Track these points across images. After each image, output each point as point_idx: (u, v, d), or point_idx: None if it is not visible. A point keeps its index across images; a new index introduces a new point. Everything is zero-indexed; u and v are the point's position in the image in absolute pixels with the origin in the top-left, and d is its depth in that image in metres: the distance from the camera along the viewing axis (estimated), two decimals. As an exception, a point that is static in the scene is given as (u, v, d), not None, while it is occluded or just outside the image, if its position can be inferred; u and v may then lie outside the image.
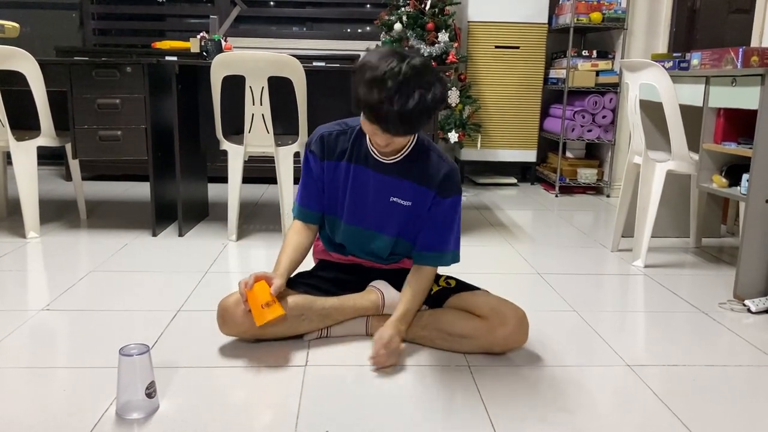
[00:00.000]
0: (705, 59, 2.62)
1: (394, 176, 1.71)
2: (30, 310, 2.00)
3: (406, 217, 1.74)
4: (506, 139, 4.52)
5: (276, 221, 3.30)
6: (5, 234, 2.93)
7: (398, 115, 1.45)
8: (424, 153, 1.71)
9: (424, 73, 1.47)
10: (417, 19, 4.08)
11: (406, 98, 1.44)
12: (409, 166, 1.70)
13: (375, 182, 1.72)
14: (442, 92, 1.51)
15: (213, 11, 4.77)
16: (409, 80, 1.44)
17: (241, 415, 1.41)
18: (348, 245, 1.85)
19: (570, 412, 1.46)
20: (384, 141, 1.57)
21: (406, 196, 1.72)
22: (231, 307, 1.71)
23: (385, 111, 1.45)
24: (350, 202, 1.75)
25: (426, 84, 1.47)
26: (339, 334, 1.83)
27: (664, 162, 2.60)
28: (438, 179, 1.69)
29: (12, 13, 4.77)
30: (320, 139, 1.75)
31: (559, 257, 2.77)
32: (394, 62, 1.46)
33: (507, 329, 1.68)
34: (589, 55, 4.29)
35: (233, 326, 1.72)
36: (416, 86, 1.45)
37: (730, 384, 1.62)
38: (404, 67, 1.45)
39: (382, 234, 1.77)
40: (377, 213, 1.75)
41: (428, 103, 1.47)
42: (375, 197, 1.73)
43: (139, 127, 2.83)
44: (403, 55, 1.48)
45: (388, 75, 1.44)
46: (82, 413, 1.40)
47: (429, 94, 1.47)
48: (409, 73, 1.45)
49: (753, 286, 2.22)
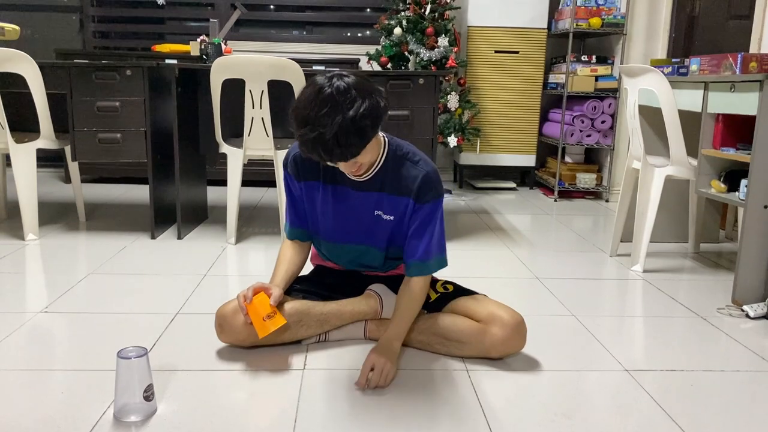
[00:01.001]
0: (704, 65, 2.62)
1: (371, 191, 1.68)
2: (28, 313, 2.00)
3: (392, 230, 1.72)
4: (505, 144, 4.53)
5: (275, 224, 3.30)
6: (4, 236, 2.93)
7: (329, 144, 1.42)
8: (398, 162, 1.66)
9: (346, 93, 1.42)
10: (417, 23, 4.09)
11: (330, 126, 1.40)
12: (383, 179, 1.66)
13: (355, 198, 1.70)
14: (369, 108, 1.43)
15: (213, 15, 4.78)
16: (330, 106, 1.41)
17: (239, 419, 1.41)
18: (341, 262, 1.85)
19: (568, 416, 1.45)
20: (349, 167, 1.55)
21: (386, 210, 1.69)
22: (229, 315, 1.71)
23: (317, 144, 1.43)
24: (336, 220, 1.73)
25: (350, 104, 1.42)
26: (337, 338, 1.83)
27: (663, 167, 2.60)
28: (413, 186, 1.64)
29: (12, 16, 4.78)
30: (293, 160, 1.72)
31: (558, 262, 2.77)
32: (312, 94, 1.44)
33: (504, 335, 1.67)
34: (589, 60, 4.30)
35: (232, 335, 1.72)
36: (338, 109, 1.41)
37: (728, 389, 1.62)
38: (324, 94, 1.42)
39: (373, 247, 1.76)
40: (365, 227, 1.73)
41: (357, 122, 1.41)
42: (359, 212, 1.71)
43: (139, 129, 2.83)
44: (324, 83, 1.44)
45: (309, 108, 1.42)
46: (79, 416, 1.39)
47: (354, 115, 1.41)
48: (328, 99, 1.41)
49: (751, 291, 2.22)
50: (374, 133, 1.49)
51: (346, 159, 1.48)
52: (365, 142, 1.47)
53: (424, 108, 2.91)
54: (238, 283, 2.36)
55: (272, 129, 2.80)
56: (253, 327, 1.66)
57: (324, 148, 1.43)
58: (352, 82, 1.45)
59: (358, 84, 1.45)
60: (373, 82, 1.51)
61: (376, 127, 1.48)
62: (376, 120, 1.47)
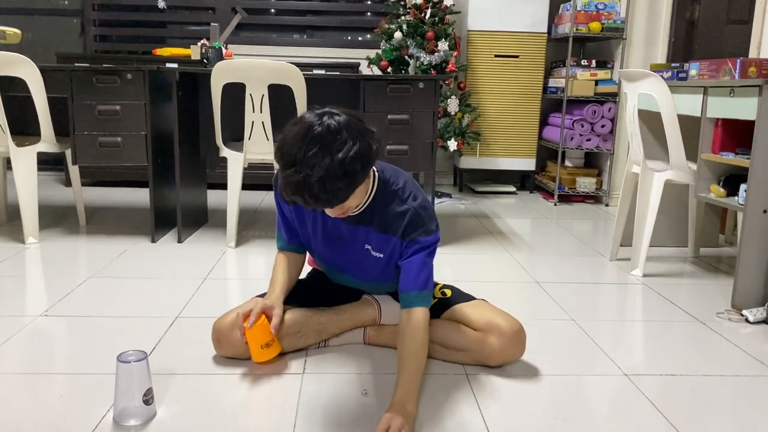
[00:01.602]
0: (703, 70, 2.63)
1: (360, 226, 1.61)
2: (28, 316, 2.00)
3: (382, 267, 1.66)
4: (505, 148, 4.54)
5: (275, 228, 3.30)
6: (4, 239, 2.93)
7: (314, 188, 1.32)
8: (387, 198, 1.58)
9: (336, 135, 1.33)
10: (417, 27, 4.10)
11: (315, 169, 1.31)
12: (370, 215, 1.59)
13: (344, 232, 1.64)
14: (359, 151, 1.34)
15: (214, 19, 4.79)
16: (318, 148, 1.32)
17: (238, 423, 1.41)
18: (336, 281, 1.84)
19: (568, 421, 1.46)
20: (336, 212, 1.47)
21: (375, 246, 1.63)
22: (226, 330, 1.69)
23: (300, 188, 1.33)
24: (327, 248, 1.70)
25: (340, 146, 1.33)
26: (337, 344, 1.83)
27: (663, 172, 2.61)
28: (400, 224, 1.56)
29: (13, 20, 4.79)
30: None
31: (558, 266, 2.77)
32: (300, 133, 1.34)
33: (503, 344, 1.66)
34: (589, 65, 4.30)
35: (229, 349, 1.71)
36: (326, 152, 1.32)
37: (727, 394, 1.62)
38: (313, 133, 1.33)
39: (360, 279, 1.75)
40: (355, 259, 1.68)
41: (345, 167, 1.32)
42: (350, 243, 1.66)
43: (139, 133, 2.84)
44: (314, 122, 1.35)
45: (297, 149, 1.33)
46: (79, 420, 1.40)
47: (344, 158, 1.32)
48: (316, 140, 1.33)
49: (751, 296, 2.22)
50: (363, 177, 1.38)
51: (332, 205, 1.38)
52: (353, 187, 1.37)
53: (424, 112, 2.91)
54: (239, 287, 2.36)
55: (273, 133, 2.81)
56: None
57: (309, 192, 1.32)
58: (343, 122, 1.36)
59: (350, 123, 1.37)
60: (366, 122, 1.42)
61: (365, 170, 1.38)
62: (366, 163, 1.37)
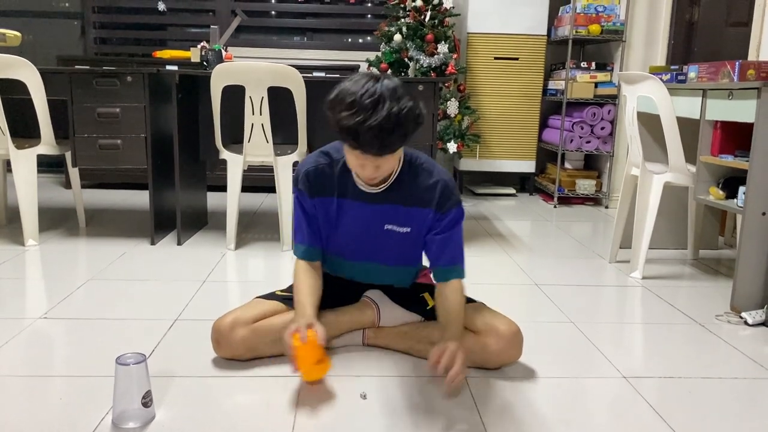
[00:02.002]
0: (702, 72, 2.63)
1: (385, 204, 1.67)
2: (27, 319, 2.00)
3: (406, 243, 1.72)
4: (505, 150, 4.54)
5: (275, 230, 3.30)
6: (4, 241, 2.93)
7: (373, 131, 1.42)
8: (413, 173, 1.66)
9: (395, 91, 1.46)
10: (417, 30, 4.10)
11: (377, 114, 1.42)
12: (398, 191, 1.66)
13: (366, 213, 1.68)
14: (413, 109, 1.48)
15: (214, 21, 4.80)
16: (380, 98, 1.44)
17: (237, 426, 1.41)
18: (346, 276, 1.84)
19: (567, 423, 1.46)
20: (370, 170, 1.54)
21: (401, 222, 1.68)
22: (226, 330, 1.68)
23: (360, 129, 1.43)
24: (344, 237, 1.73)
25: (397, 100, 1.45)
26: (336, 346, 1.83)
27: (662, 174, 2.61)
28: (433, 196, 1.65)
29: (14, 22, 4.80)
30: (306, 177, 1.69)
31: (557, 268, 2.77)
32: (364, 83, 1.46)
33: (500, 346, 1.67)
34: (588, 67, 4.31)
35: (228, 349, 1.70)
36: (387, 102, 1.44)
37: (726, 396, 1.62)
38: (376, 86, 1.45)
39: (381, 264, 1.77)
40: (372, 244, 1.73)
41: (401, 117, 1.45)
42: (369, 228, 1.70)
43: (139, 136, 2.84)
44: (375, 76, 1.49)
45: (360, 95, 1.44)
46: (78, 422, 1.40)
47: (401, 110, 1.45)
48: (379, 91, 1.45)
49: (750, 298, 2.22)
50: (410, 136, 1.51)
51: (382, 152, 1.48)
52: (403, 140, 1.50)
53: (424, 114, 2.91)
54: (238, 290, 2.36)
55: (272, 135, 2.81)
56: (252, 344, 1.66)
57: (367, 134, 1.43)
58: (399, 83, 1.49)
59: (404, 87, 1.50)
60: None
61: (414, 130, 1.51)
62: (416, 124, 1.51)
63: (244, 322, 1.69)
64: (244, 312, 1.71)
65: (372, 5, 4.94)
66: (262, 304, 1.76)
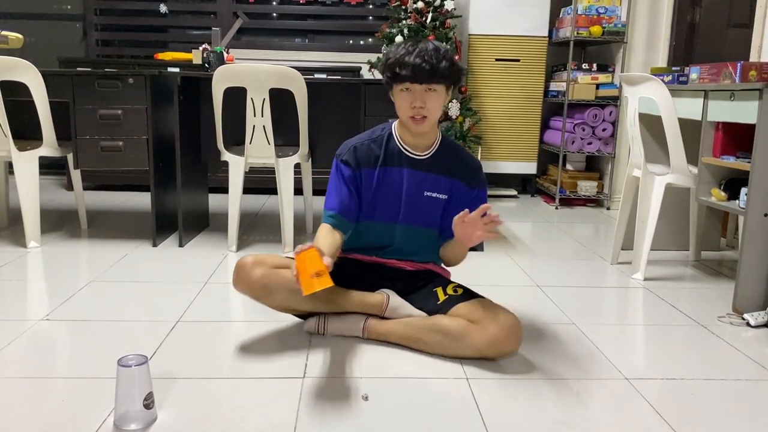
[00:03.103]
0: (703, 73, 2.63)
1: (428, 171, 1.85)
2: (29, 320, 2.00)
3: (443, 209, 1.88)
4: (507, 152, 4.54)
5: (276, 232, 3.30)
6: (6, 243, 2.94)
7: (422, 57, 1.69)
8: (452, 149, 1.89)
9: (436, 44, 1.75)
10: (418, 32, 4.10)
11: (424, 47, 1.71)
12: (440, 160, 1.86)
13: (409, 179, 1.85)
14: (453, 54, 1.75)
15: (215, 23, 4.80)
16: (423, 41, 1.74)
17: (239, 427, 1.41)
18: (387, 246, 1.92)
19: (568, 425, 1.45)
20: (419, 102, 1.72)
21: (441, 189, 1.87)
22: (248, 265, 1.80)
23: (409, 59, 1.69)
24: (385, 200, 1.85)
25: (440, 46, 1.74)
26: (335, 332, 1.88)
27: (663, 175, 2.61)
28: (467, 172, 1.87)
29: (16, 24, 4.81)
30: (354, 150, 1.85)
31: (559, 269, 2.77)
32: (408, 40, 1.78)
33: (499, 335, 1.72)
34: (589, 69, 4.31)
35: (246, 284, 1.81)
36: (432, 43, 1.74)
37: (728, 398, 1.62)
38: (417, 41, 1.75)
39: (414, 225, 1.88)
40: (413, 208, 1.87)
41: (446, 53, 1.72)
42: (408, 193, 1.85)
43: (141, 137, 2.84)
44: (415, 38, 1.80)
45: (405, 44, 1.74)
46: (79, 424, 1.40)
47: (445, 50, 1.73)
48: (422, 39, 1.76)
49: (752, 299, 2.22)
50: (454, 74, 1.76)
51: (432, 78, 1.71)
52: (449, 73, 1.73)
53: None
54: (239, 291, 2.36)
55: (273, 137, 2.81)
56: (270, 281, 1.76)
57: (416, 60, 1.68)
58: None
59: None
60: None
61: (457, 69, 1.76)
62: (458, 70, 1.77)
63: (266, 264, 1.81)
64: (268, 258, 1.84)
65: (373, 7, 4.94)
66: (283, 258, 1.88)
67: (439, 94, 1.75)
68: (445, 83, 1.76)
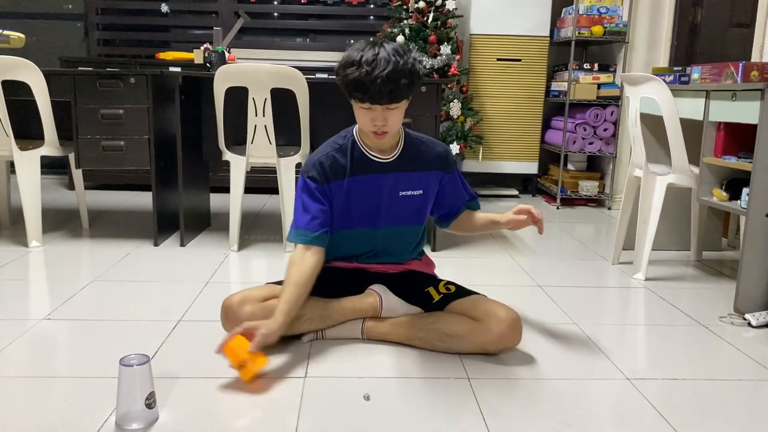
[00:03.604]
0: (705, 73, 2.63)
1: (399, 172, 1.81)
2: (31, 320, 2.01)
3: (421, 203, 1.87)
4: (508, 151, 4.54)
5: (277, 231, 3.30)
6: (8, 242, 2.94)
7: (382, 80, 1.58)
8: (416, 142, 1.85)
9: (395, 49, 1.64)
10: (419, 31, 4.10)
11: (382, 66, 1.59)
12: (407, 158, 1.82)
13: (381, 184, 1.80)
14: (415, 62, 1.66)
15: (217, 23, 4.81)
16: (382, 53, 1.61)
17: (240, 427, 1.41)
18: (369, 251, 1.90)
19: (569, 425, 1.45)
20: (380, 121, 1.67)
21: (414, 186, 1.84)
22: (235, 305, 1.77)
23: (367, 80, 1.59)
24: (361, 209, 1.81)
25: (399, 55, 1.63)
26: (334, 336, 1.87)
27: (665, 175, 2.60)
28: (439, 160, 1.86)
29: (17, 24, 4.81)
30: (319, 165, 1.77)
31: (560, 270, 2.77)
32: (368, 46, 1.64)
33: (501, 331, 1.74)
34: (591, 68, 4.31)
35: (236, 324, 1.72)
36: (392, 57, 1.61)
37: (729, 398, 1.62)
38: (377, 47, 1.63)
39: (394, 226, 1.86)
40: (391, 210, 1.84)
41: (406, 69, 1.62)
42: (384, 198, 1.82)
43: (142, 137, 2.84)
44: (375, 41, 1.66)
45: (362, 54, 1.62)
46: (81, 423, 1.40)
47: (406, 62, 1.62)
48: (380, 49, 1.62)
49: (753, 299, 2.22)
50: (416, 86, 1.69)
51: (392, 100, 1.63)
52: (409, 91, 1.66)
53: (426, 116, 2.91)
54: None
55: (275, 136, 2.81)
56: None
57: (375, 83, 1.58)
58: (399, 44, 1.69)
59: (403, 47, 1.69)
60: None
61: (418, 80, 1.68)
62: (418, 77, 1.68)
63: (253, 300, 1.78)
64: (254, 291, 1.82)
65: (375, 7, 4.94)
66: (271, 287, 1.84)
67: (400, 108, 1.69)
68: (406, 98, 1.69)
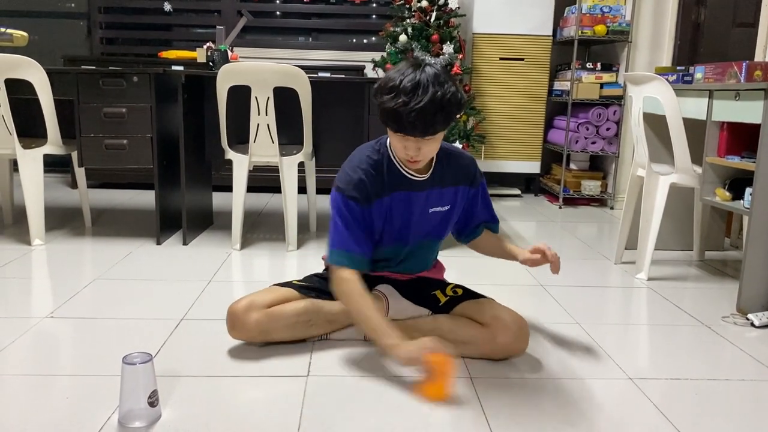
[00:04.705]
0: (708, 73, 2.62)
1: (431, 188, 1.76)
2: (34, 318, 2.01)
3: (446, 218, 1.84)
4: (510, 151, 4.53)
5: (280, 231, 3.30)
6: (11, 241, 2.95)
7: (416, 114, 1.52)
8: (447, 157, 1.79)
9: (437, 77, 1.56)
10: (422, 30, 4.10)
11: (419, 97, 1.52)
12: (441, 174, 1.78)
13: (415, 202, 1.76)
14: (455, 93, 1.57)
15: (220, 21, 4.81)
16: (421, 82, 1.53)
17: (243, 425, 1.41)
18: (389, 263, 1.87)
19: (572, 424, 1.45)
20: (412, 151, 1.62)
21: (444, 202, 1.80)
22: (241, 313, 1.74)
23: (403, 112, 1.53)
24: (394, 227, 1.77)
25: (440, 85, 1.55)
26: (339, 338, 1.86)
27: (668, 175, 2.60)
28: (469, 174, 1.82)
29: (20, 22, 4.82)
30: (360, 184, 1.68)
31: (562, 269, 2.76)
32: (409, 70, 1.56)
33: (507, 337, 1.72)
34: (594, 68, 4.30)
35: (242, 332, 1.76)
36: (430, 87, 1.53)
37: (732, 398, 1.62)
38: (418, 72, 1.55)
39: (430, 240, 1.86)
40: (420, 227, 1.80)
41: (444, 101, 1.54)
42: (417, 214, 1.78)
43: (145, 136, 2.85)
44: (417, 63, 1.58)
45: (401, 80, 1.55)
46: (84, 422, 1.40)
47: (444, 94, 1.54)
48: (420, 76, 1.54)
49: (756, 299, 2.21)
50: (454, 119, 1.61)
51: (425, 134, 1.57)
52: (446, 124, 1.59)
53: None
54: (243, 290, 2.36)
55: (278, 135, 2.81)
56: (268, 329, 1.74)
57: (409, 117, 1.52)
58: (442, 69, 1.60)
59: (447, 72, 1.61)
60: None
61: (457, 113, 1.61)
62: (459, 108, 1.60)
63: (258, 306, 1.75)
64: (259, 296, 1.78)
65: (377, 5, 4.94)
66: (277, 291, 1.82)
67: (435, 138, 1.62)
68: (442, 130, 1.62)
